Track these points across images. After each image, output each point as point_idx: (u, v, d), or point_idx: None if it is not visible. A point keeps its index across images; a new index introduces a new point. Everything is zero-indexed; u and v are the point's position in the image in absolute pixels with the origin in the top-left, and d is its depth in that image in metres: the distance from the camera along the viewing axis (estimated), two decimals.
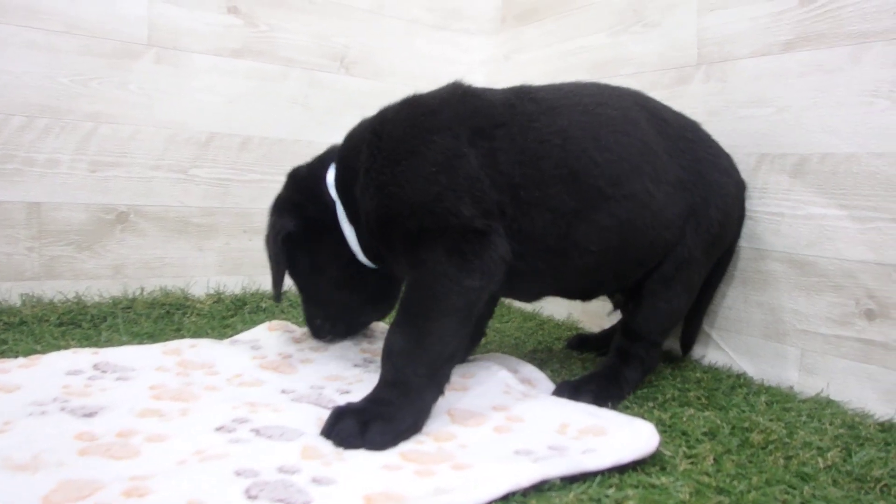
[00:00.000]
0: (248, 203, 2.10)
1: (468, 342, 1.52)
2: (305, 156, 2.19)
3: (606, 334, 1.76)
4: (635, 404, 1.33)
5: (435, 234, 1.16)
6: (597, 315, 1.96)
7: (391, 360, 1.14)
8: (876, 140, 1.36)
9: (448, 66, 2.44)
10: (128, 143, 1.89)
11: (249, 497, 0.85)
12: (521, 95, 1.32)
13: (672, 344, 1.67)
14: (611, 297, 1.65)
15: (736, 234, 1.55)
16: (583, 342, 1.77)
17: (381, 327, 1.68)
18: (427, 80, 2.37)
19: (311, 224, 1.40)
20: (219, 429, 1.06)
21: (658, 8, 1.86)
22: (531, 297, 1.48)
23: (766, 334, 1.55)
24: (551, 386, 1.40)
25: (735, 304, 1.62)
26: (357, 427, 1.04)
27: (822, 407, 1.34)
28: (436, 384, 1.13)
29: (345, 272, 1.43)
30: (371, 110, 2.29)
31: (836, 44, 1.45)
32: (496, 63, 2.48)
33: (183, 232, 2.00)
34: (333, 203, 1.37)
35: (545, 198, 1.23)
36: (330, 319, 1.54)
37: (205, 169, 2.01)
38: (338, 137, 2.30)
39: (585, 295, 1.50)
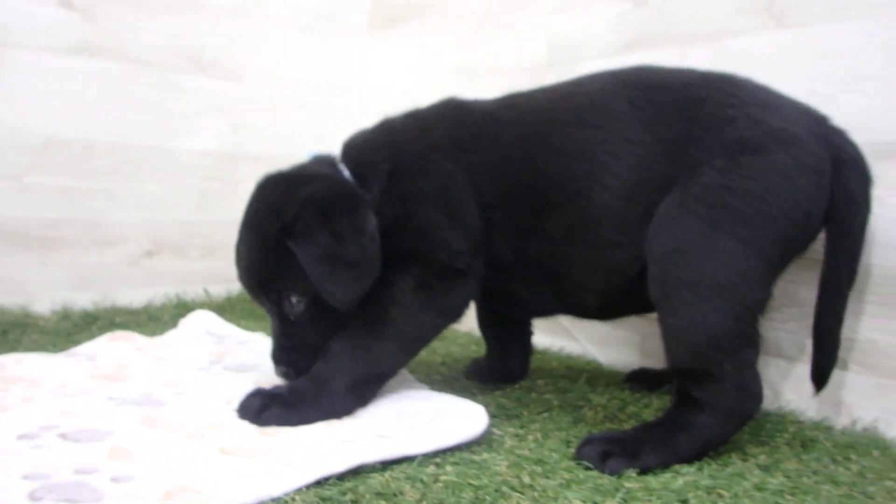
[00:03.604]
0: (97, 214, 1.99)
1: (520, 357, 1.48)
2: (164, 163, 2.13)
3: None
4: (482, 392, 1.34)
5: (415, 261, 1.17)
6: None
7: (324, 358, 1.15)
8: None
9: (314, 69, 2.41)
10: None
11: (33, 499, 0.80)
12: (504, 103, 1.28)
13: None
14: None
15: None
16: (639, 377, 1.47)
17: (230, 331, 1.63)
18: (292, 83, 2.35)
19: None
20: (21, 436, 0.99)
21: (512, 11, 1.92)
22: (532, 316, 1.45)
23: (613, 323, 1.60)
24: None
25: None
26: (258, 405, 1.09)
27: None
28: (355, 396, 1.14)
29: None
30: (232, 115, 2.26)
31: (667, 44, 1.53)
32: (365, 67, 2.47)
33: (21, 245, 1.87)
34: None
35: (508, 218, 1.19)
36: None
37: (43, 177, 1.89)
38: (197, 142, 2.24)
39: (587, 313, 1.30)
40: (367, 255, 1.13)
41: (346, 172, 1.26)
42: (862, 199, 1.11)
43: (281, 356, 1.21)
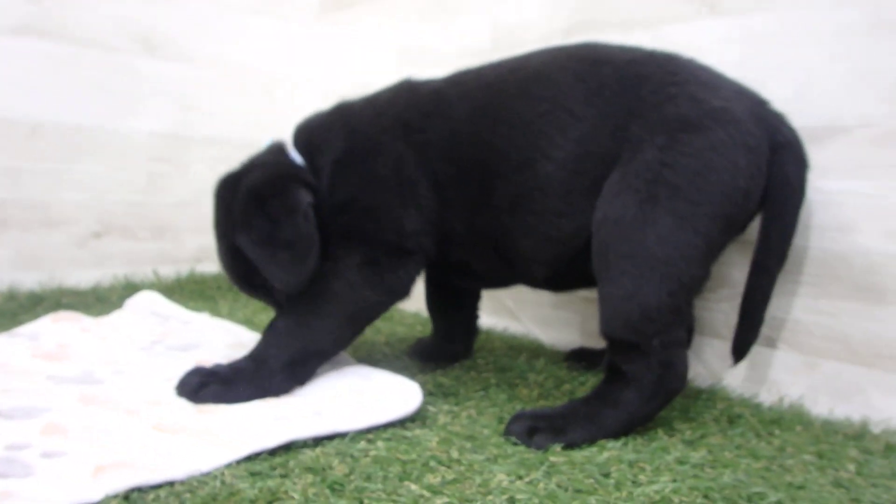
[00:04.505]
0: (44, 194, 1.97)
1: (465, 338, 1.49)
2: (112, 144, 2.10)
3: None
4: (422, 371, 1.36)
5: (364, 239, 1.18)
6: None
7: (265, 335, 1.17)
8: None
9: (264, 52, 2.39)
10: None
11: None
12: (451, 80, 1.28)
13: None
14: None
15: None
16: (579, 356, 1.49)
17: (174, 311, 1.63)
18: (242, 65, 2.33)
19: None
20: None
21: None
22: (484, 286, 1.45)
23: (555, 304, 1.64)
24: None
25: None
26: (196, 383, 1.10)
27: None
28: (292, 374, 1.15)
29: None
30: (182, 97, 2.24)
31: (607, 30, 1.55)
32: (314, 50, 2.47)
33: None
34: None
35: (459, 194, 1.20)
36: None
37: None
38: (146, 124, 2.22)
39: (537, 284, 1.30)
40: (301, 233, 1.15)
41: (296, 156, 1.28)
42: (797, 182, 1.13)
43: None
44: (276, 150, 1.30)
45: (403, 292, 1.23)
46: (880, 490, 0.90)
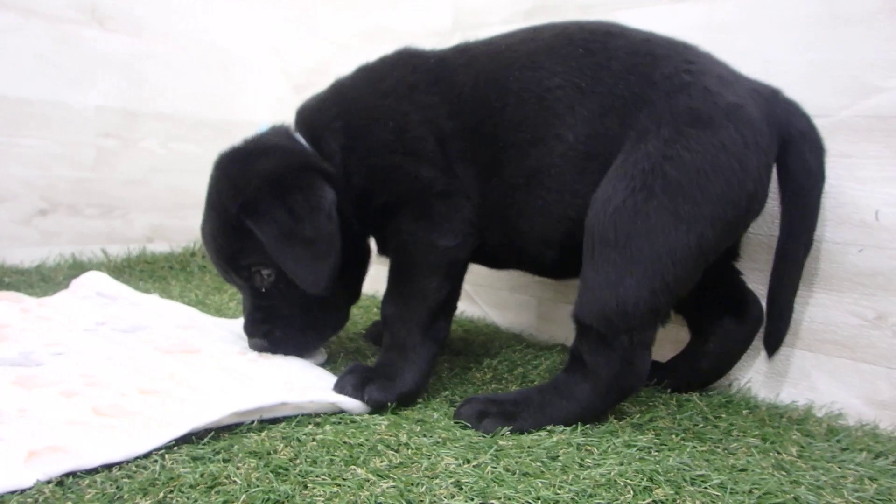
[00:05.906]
0: None
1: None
2: (58, 118, 2.03)
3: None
4: (375, 354, 1.35)
5: (404, 201, 1.16)
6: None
7: (387, 326, 1.16)
8: None
9: (218, 28, 2.33)
10: None
11: None
12: (457, 49, 1.26)
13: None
14: None
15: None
16: None
17: (122, 291, 1.59)
18: (195, 40, 2.27)
19: None
20: None
21: None
22: (493, 263, 1.36)
23: (512, 287, 1.64)
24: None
25: None
26: (357, 382, 1.07)
27: (549, 347, 1.45)
28: (431, 339, 1.14)
29: None
30: (132, 70, 2.17)
31: (567, 13, 1.54)
32: (269, 27, 2.41)
33: None
34: None
35: (472, 168, 1.17)
36: None
37: None
38: (95, 98, 2.15)
39: (544, 269, 1.26)
40: (323, 232, 1.12)
41: (303, 141, 1.25)
42: (817, 169, 1.10)
43: (253, 329, 1.24)
44: (283, 134, 1.27)
45: (466, 233, 1.17)
46: (819, 472, 0.92)
